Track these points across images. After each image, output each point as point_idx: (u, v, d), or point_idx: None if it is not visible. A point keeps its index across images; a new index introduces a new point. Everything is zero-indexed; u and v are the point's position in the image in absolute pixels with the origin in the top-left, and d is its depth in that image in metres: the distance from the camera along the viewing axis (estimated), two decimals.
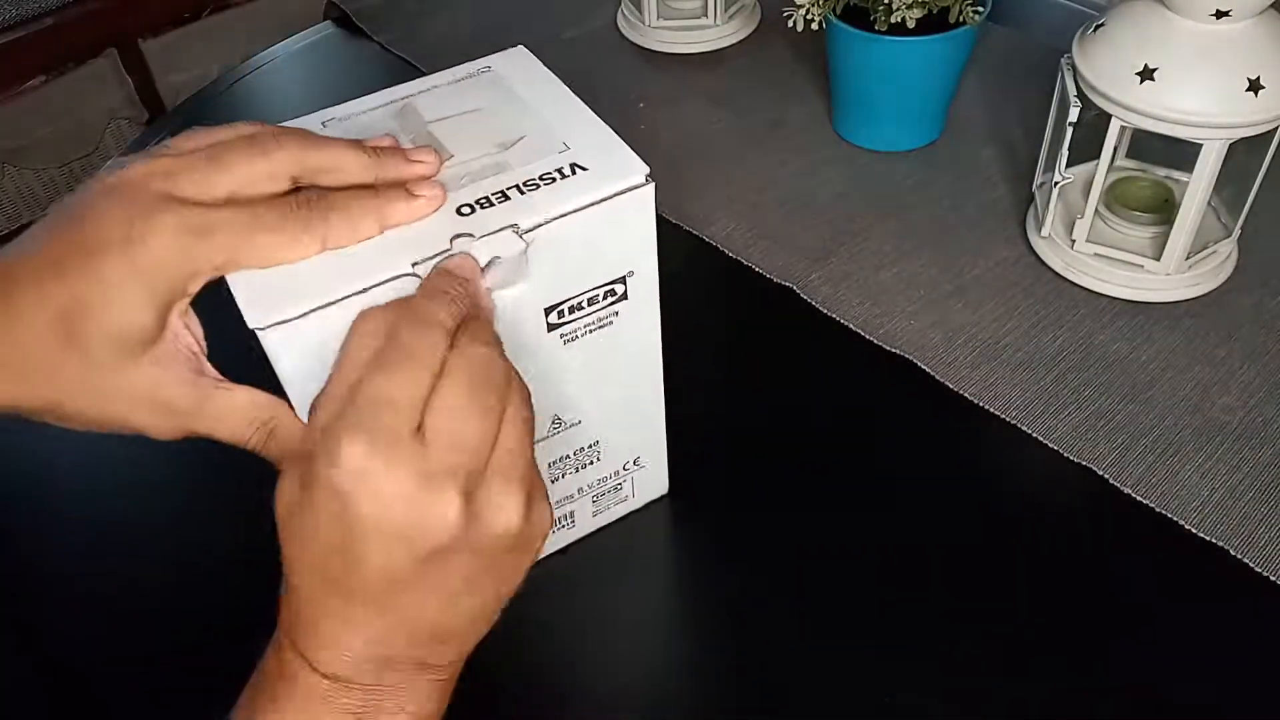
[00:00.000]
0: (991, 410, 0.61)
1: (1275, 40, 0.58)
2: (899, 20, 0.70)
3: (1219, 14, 0.57)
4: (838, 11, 0.74)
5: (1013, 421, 0.60)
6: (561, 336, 0.45)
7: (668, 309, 0.48)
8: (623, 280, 0.45)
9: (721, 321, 0.69)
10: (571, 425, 0.49)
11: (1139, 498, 0.56)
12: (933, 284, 0.69)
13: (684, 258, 0.73)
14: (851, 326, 0.66)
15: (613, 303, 0.45)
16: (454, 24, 0.97)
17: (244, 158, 0.37)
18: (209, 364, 0.39)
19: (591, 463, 0.52)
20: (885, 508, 0.57)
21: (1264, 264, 0.68)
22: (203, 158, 0.37)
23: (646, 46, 0.92)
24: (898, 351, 0.64)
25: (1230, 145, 0.59)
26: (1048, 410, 0.60)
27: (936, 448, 0.60)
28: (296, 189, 0.38)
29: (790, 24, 0.73)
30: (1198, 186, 0.61)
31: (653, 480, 0.56)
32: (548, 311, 0.43)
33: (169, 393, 0.37)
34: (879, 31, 0.72)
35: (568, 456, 0.50)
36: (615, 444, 0.52)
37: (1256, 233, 0.69)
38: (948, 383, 0.62)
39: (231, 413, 0.39)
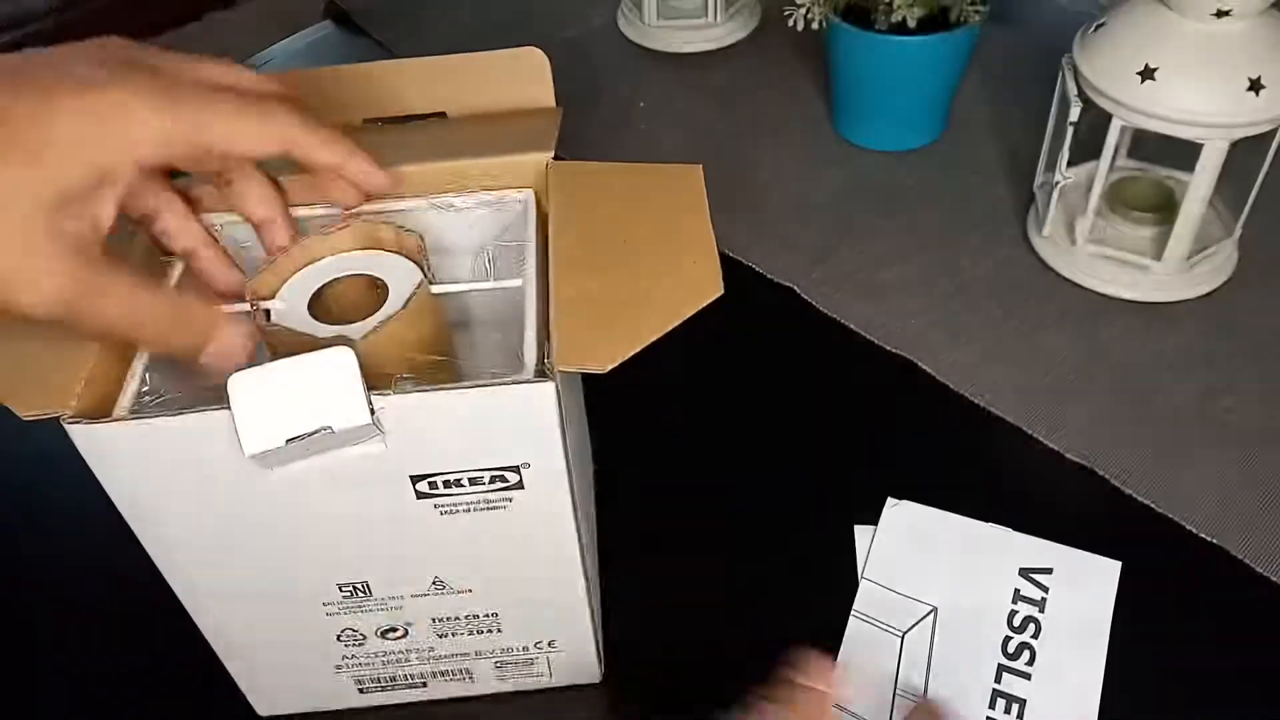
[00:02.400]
0: (992, 410, 0.61)
1: (1276, 40, 0.58)
2: (900, 19, 0.70)
3: (1220, 13, 0.57)
4: (838, 11, 0.73)
5: (1013, 421, 0.60)
6: (436, 508, 0.40)
7: None
8: (515, 469, 0.39)
9: (721, 321, 0.69)
10: (459, 592, 0.44)
11: (1140, 498, 0.55)
12: (933, 284, 0.69)
13: None
14: (851, 326, 0.66)
15: (503, 489, 0.39)
16: (454, 23, 0.97)
17: (236, 111, 0.35)
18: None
19: (489, 632, 0.46)
20: (881, 509, 0.57)
21: (1265, 264, 0.68)
22: (201, 90, 0.34)
23: (646, 46, 0.92)
24: (898, 351, 0.64)
25: (1231, 145, 0.59)
26: (1048, 410, 0.60)
27: (937, 448, 0.60)
28: None
29: (791, 23, 0.73)
30: (1199, 186, 0.61)
31: (577, 666, 0.49)
32: (414, 480, 0.39)
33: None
34: (880, 31, 0.72)
35: (456, 619, 0.45)
36: (520, 621, 0.46)
37: (1258, 232, 0.69)
38: (948, 383, 0.62)
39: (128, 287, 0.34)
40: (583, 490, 0.46)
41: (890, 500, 0.56)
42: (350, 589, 0.43)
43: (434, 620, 0.45)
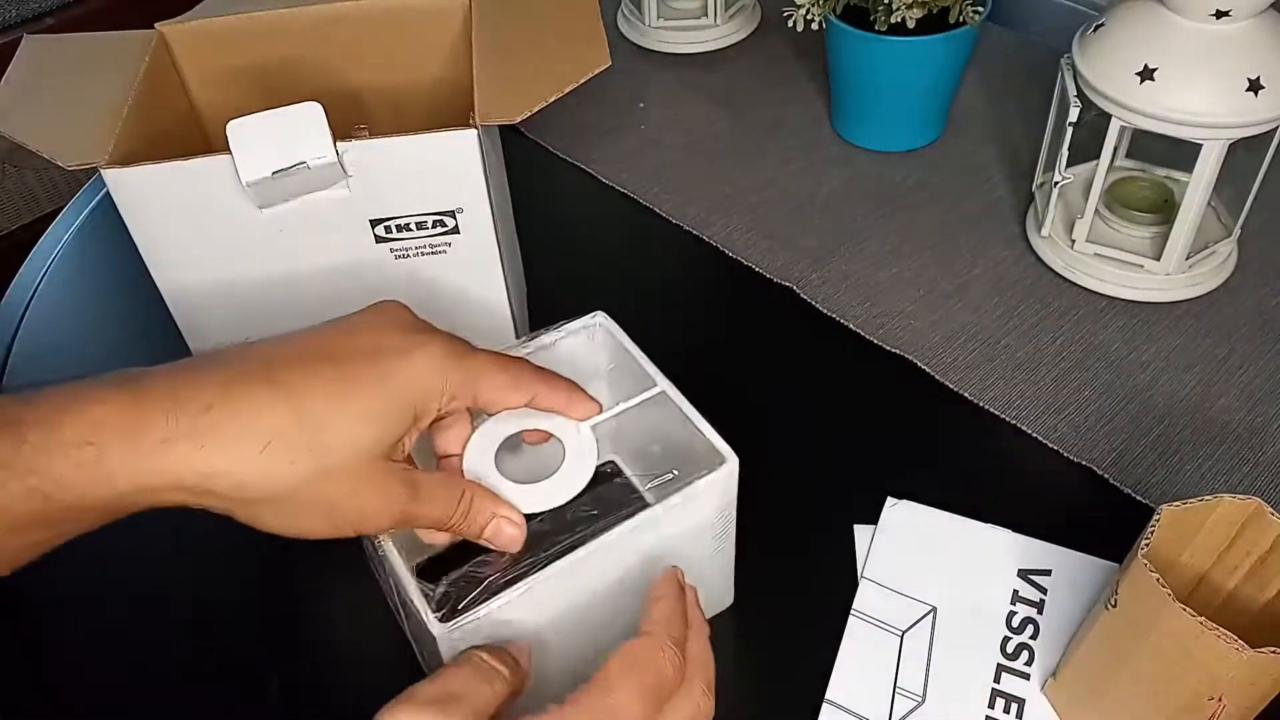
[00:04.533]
0: (991, 410, 0.61)
1: (1275, 40, 0.58)
2: (899, 20, 0.70)
3: (1219, 14, 0.57)
4: (838, 11, 0.74)
5: (1012, 421, 0.60)
6: (391, 251, 0.51)
7: (668, 309, 0.48)
8: (451, 214, 0.50)
9: (722, 321, 0.69)
10: None
11: (1138, 497, 0.56)
12: (933, 284, 0.69)
13: (684, 257, 0.73)
14: (851, 326, 0.66)
15: (443, 233, 0.50)
16: None
17: (498, 369, 0.42)
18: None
19: None
20: (881, 508, 0.57)
21: (1264, 264, 0.68)
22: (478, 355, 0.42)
23: (646, 46, 0.92)
24: (898, 351, 0.64)
25: (1230, 145, 0.59)
26: (1047, 410, 0.60)
27: (936, 448, 0.60)
28: None
29: (790, 24, 0.73)
30: (1197, 186, 0.61)
31: None
32: (373, 224, 0.49)
33: (378, 500, 0.39)
34: (879, 31, 0.72)
35: None
36: None
37: (1256, 233, 0.70)
38: (948, 383, 0.62)
39: (436, 491, 0.41)
40: (510, 260, 0.57)
41: (890, 500, 0.56)
42: None
43: None
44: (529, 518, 0.43)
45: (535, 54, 0.52)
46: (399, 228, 0.50)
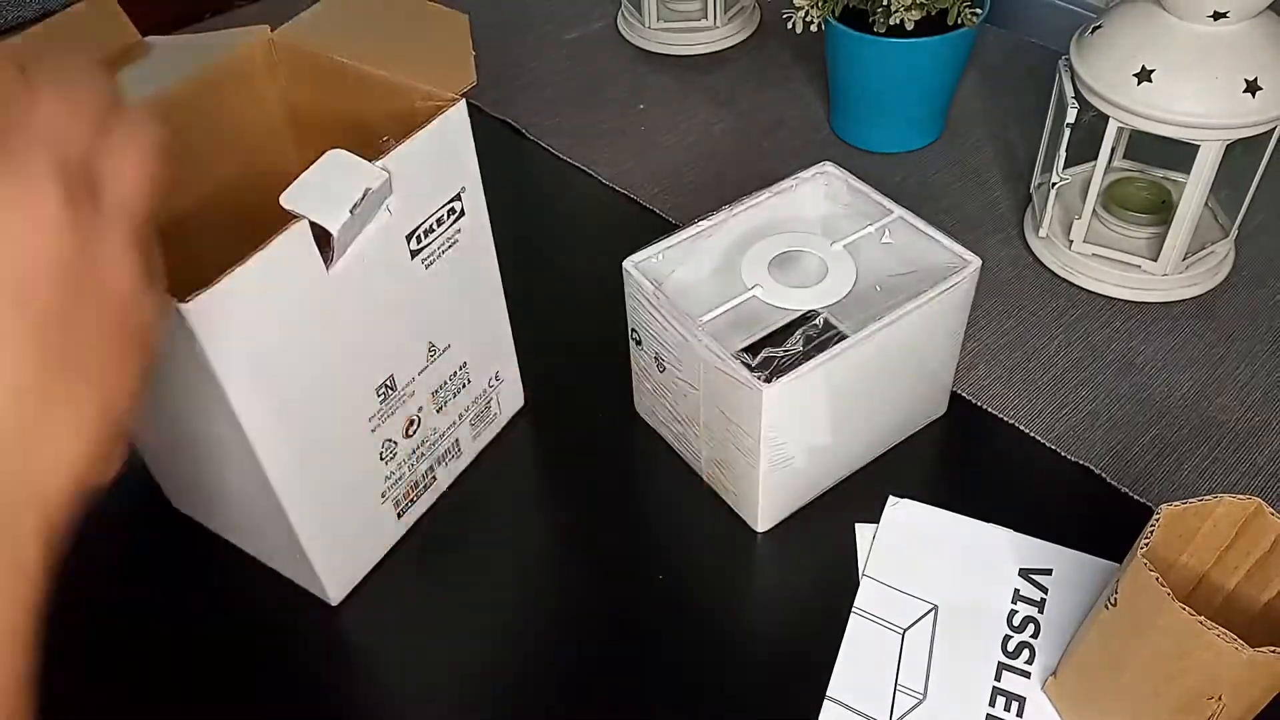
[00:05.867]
0: (990, 410, 0.61)
1: (1272, 42, 0.58)
2: (897, 22, 0.71)
3: (1216, 16, 0.57)
4: (837, 13, 0.74)
5: (1011, 421, 0.60)
6: (423, 262, 0.50)
7: None
8: (458, 196, 0.50)
9: None
10: (444, 351, 0.54)
11: (1136, 497, 0.56)
12: None
13: None
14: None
15: (455, 220, 0.51)
16: None
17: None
18: None
19: (464, 385, 0.56)
20: (882, 507, 0.57)
21: (1261, 264, 0.69)
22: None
23: (646, 48, 0.92)
24: None
25: (1227, 146, 0.60)
26: (1046, 410, 0.61)
27: (937, 448, 0.60)
28: None
29: (790, 26, 0.73)
30: (1195, 187, 0.62)
31: (513, 395, 0.62)
32: (409, 238, 0.48)
33: None
34: (878, 33, 0.72)
35: (446, 383, 0.55)
36: (478, 364, 0.57)
37: (1253, 233, 0.70)
38: None
39: None
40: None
41: (892, 499, 0.56)
42: (384, 389, 0.51)
43: (432, 394, 0.54)
44: (806, 316, 0.58)
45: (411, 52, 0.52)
46: (426, 233, 0.49)
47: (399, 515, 0.56)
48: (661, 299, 0.52)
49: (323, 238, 0.44)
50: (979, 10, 0.72)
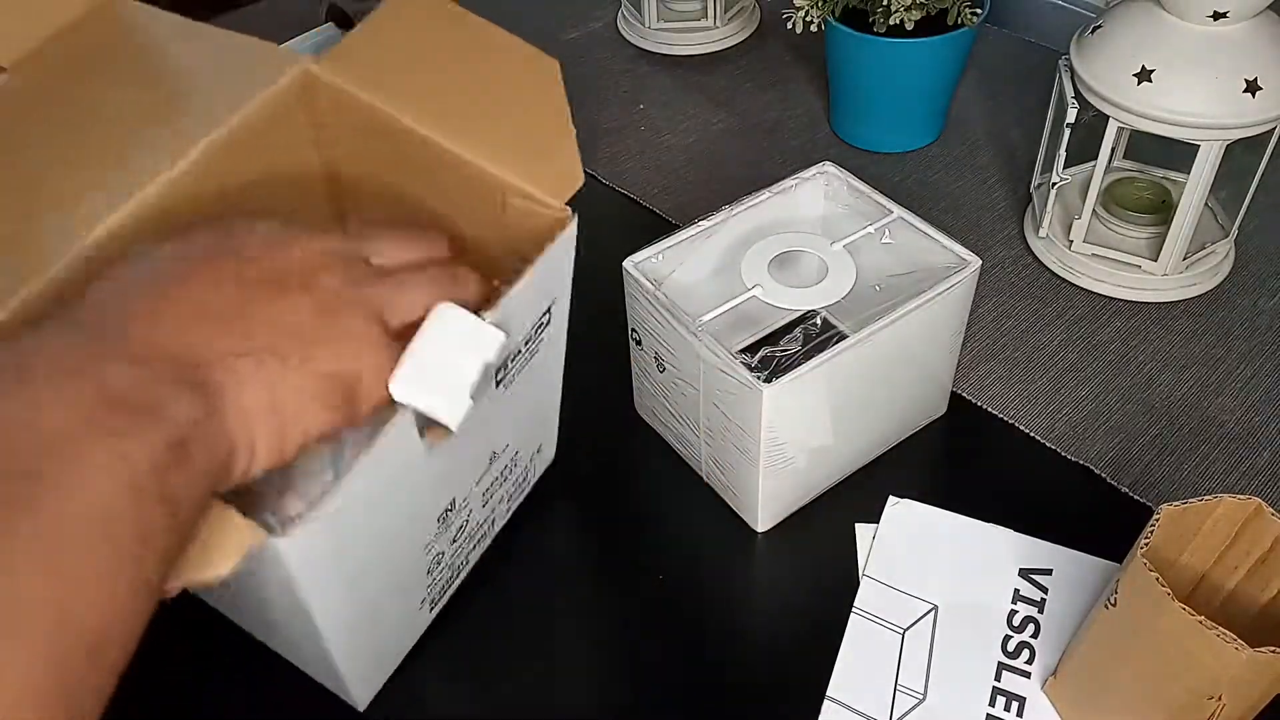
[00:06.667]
0: (990, 410, 0.61)
1: (1272, 41, 0.58)
2: (897, 22, 0.71)
3: (1216, 15, 0.57)
4: (837, 13, 0.74)
5: (1011, 421, 0.60)
6: (503, 385, 0.45)
7: None
8: (549, 310, 0.46)
9: None
10: (502, 453, 0.50)
11: (1136, 497, 0.56)
12: None
13: None
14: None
15: (540, 331, 0.46)
16: None
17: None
18: None
19: (511, 472, 0.53)
20: (882, 507, 0.57)
21: (1261, 264, 0.69)
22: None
23: (646, 48, 0.92)
24: None
25: (1227, 146, 0.60)
26: (1046, 410, 0.61)
27: (937, 448, 0.60)
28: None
29: (789, 26, 0.73)
30: (1195, 187, 0.62)
31: (547, 455, 0.58)
32: (498, 370, 0.43)
33: None
34: (878, 33, 0.72)
35: (497, 479, 0.51)
36: (525, 440, 0.54)
37: (1253, 233, 0.70)
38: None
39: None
40: None
41: (891, 499, 0.56)
42: (444, 515, 0.46)
43: (483, 492, 0.50)
44: (805, 316, 0.60)
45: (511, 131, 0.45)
46: (511, 360, 0.43)
47: (431, 609, 0.51)
48: (661, 299, 0.52)
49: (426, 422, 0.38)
50: (979, 10, 0.72)
